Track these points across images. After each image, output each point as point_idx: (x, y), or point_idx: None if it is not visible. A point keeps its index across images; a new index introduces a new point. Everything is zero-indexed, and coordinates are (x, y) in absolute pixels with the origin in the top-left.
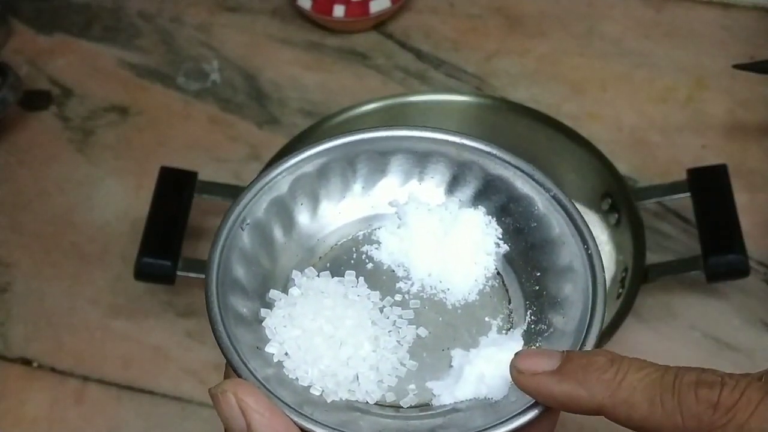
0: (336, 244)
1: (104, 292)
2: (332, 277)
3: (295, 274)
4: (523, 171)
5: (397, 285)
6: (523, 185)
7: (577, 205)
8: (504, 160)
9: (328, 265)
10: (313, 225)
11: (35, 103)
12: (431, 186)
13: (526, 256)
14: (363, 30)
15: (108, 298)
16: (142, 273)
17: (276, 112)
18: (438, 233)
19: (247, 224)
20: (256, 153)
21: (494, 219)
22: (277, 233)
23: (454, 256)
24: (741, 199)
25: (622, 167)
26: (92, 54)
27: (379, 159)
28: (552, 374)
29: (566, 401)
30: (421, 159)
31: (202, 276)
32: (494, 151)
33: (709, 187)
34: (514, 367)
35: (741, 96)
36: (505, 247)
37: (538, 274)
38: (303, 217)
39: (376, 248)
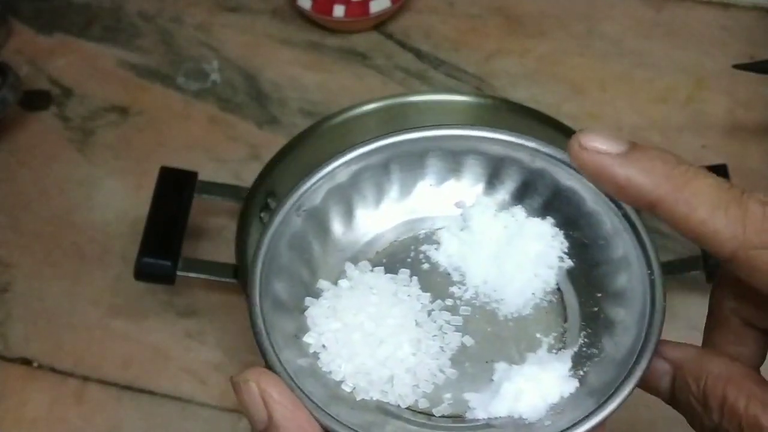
0: (395, 240)
1: (104, 292)
2: (386, 273)
3: (348, 266)
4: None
5: (450, 289)
6: (594, 200)
7: None
8: (578, 171)
9: (384, 260)
10: (373, 218)
11: (35, 103)
12: (501, 191)
13: (589, 275)
14: (363, 30)
15: (108, 298)
16: (142, 273)
17: (276, 112)
18: (501, 240)
19: (304, 211)
20: (256, 153)
21: (561, 232)
22: (335, 223)
23: (514, 266)
24: None
25: None
26: (92, 54)
27: (450, 158)
28: (617, 156)
29: (625, 187)
30: (493, 162)
31: (203, 276)
32: (569, 161)
33: None
34: (576, 140)
35: (741, 96)
36: (569, 263)
37: (599, 294)
38: (363, 210)
39: (435, 249)
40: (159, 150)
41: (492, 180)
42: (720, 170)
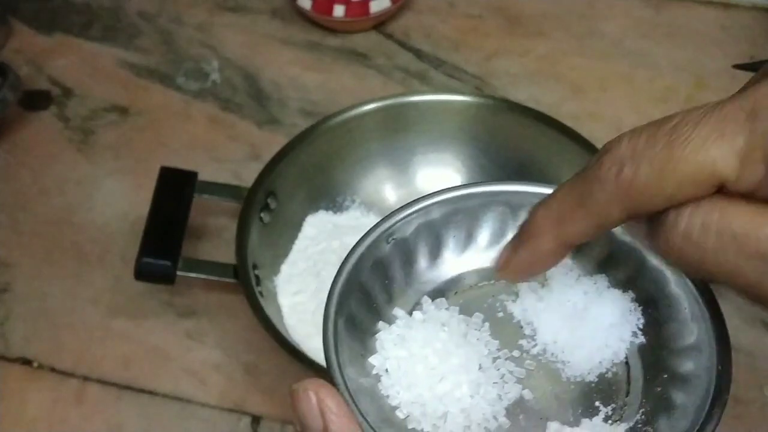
0: (475, 284)
1: (104, 292)
2: (460, 313)
3: (425, 300)
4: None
5: (520, 341)
6: (677, 282)
7: None
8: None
9: (461, 301)
10: (459, 260)
11: (35, 103)
12: (587, 256)
13: (660, 355)
14: (363, 30)
15: (108, 298)
16: (142, 273)
17: (276, 112)
18: (578, 305)
19: (393, 239)
20: (256, 153)
21: (640, 308)
22: (422, 257)
23: (587, 332)
24: None
25: None
26: (92, 54)
27: None
28: None
29: None
30: None
31: (203, 276)
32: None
33: None
34: None
35: None
36: (641, 339)
37: (665, 376)
38: (450, 250)
39: (513, 300)
40: (159, 150)
41: (581, 245)
42: None
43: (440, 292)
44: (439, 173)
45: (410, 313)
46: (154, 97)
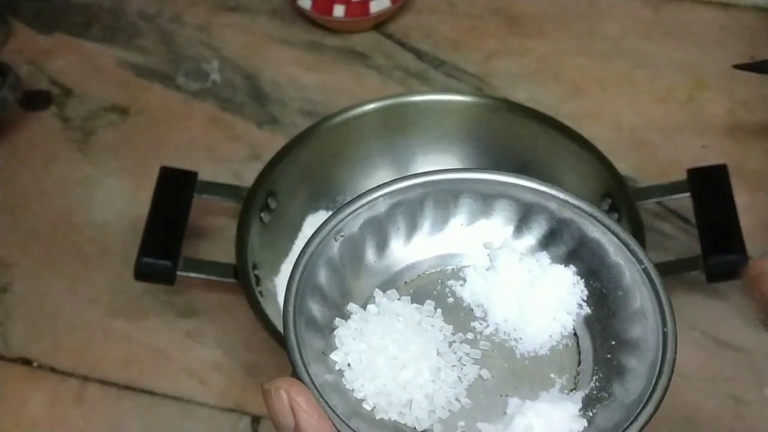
0: (423, 273)
1: (104, 292)
2: (412, 303)
3: (377, 293)
4: (619, 238)
5: (472, 324)
6: (616, 253)
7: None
8: (603, 224)
9: (411, 291)
10: (405, 250)
11: (35, 103)
12: (528, 236)
13: (606, 323)
14: (363, 30)
15: (108, 298)
16: (142, 273)
17: (276, 112)
18: (524, 283)
19: (342, 236)
20: (256, 153)
21: (582, 280)
22: (369, 251)
23: (535, 308)
24: (741, 199)
25: (622, 167)
26: (92, 54)
27: (483, 201)
28: None
29: None
30: (524, 208)
31: (203, 276)
32: (596, 214)
33: (709, 187)
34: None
35: (741, 96)
36: (587, 310)
37: (613, 342)
38: (397, 242)
39: (461, 285)
40: (159, 150)
41: (521, 225)
42: (720, 170)
43: (391, 282)
44: None
45: (364, 307)
46: (154, 97)
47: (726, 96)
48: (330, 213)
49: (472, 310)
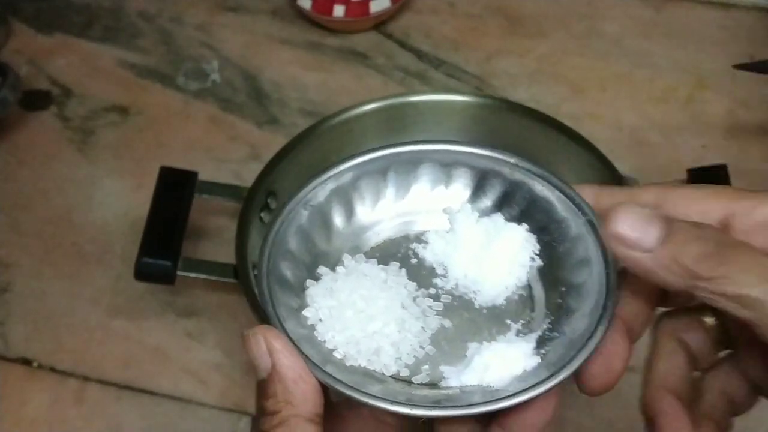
0: (389, 238)
1: (104, 292)
2: (378, 264)
3: (346, 257)
4: (565, 194)
5: (434, 281)
6: (563, 209)
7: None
8: (551, 183)
9: (377, 254)
10: (371, 217)
11: (35, 103)
12: (484, 199)
13: (556, 272)
14: (363, 30)
15: (108, 298)
16: (142, 273)
17: (276, 112)
18: (482, 242)
19: (311, 206)
20: (257, 153)
21: (534, 236)
22: (337, 219)
23: (492, 264)
24: None
25: (622, 167)
26: (92, 54)
27: (441, 169)
28: (649, 251)
29: (659, 279)
30: (478, 174)
31: (203, 276)
32: (544, 174)
33: None
34: (608, 226)
35: (741, 96)
36: (539, 262)
37: (563, 289)
38: (363, 210)
39: (423, 247)
40: (159, 150)
41: (477, 189)
42: (720, 170)
43: (358, 247)
44: None
45: (333, 270)
46: (154, 97)
47: (726, 96)
48: None
49: (434, 268)
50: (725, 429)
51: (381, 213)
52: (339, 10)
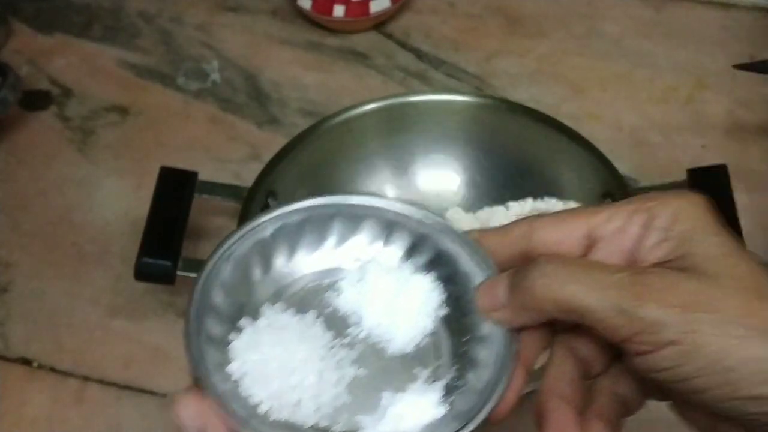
0: (305, 287)
1: (104, 292)
2: (296, 314)
3: (266, 307)
4: (469, 249)
5: (348, 330)
6: (466, 262)
7: (578, 205)
8: (454, 238)
9: (295, 303)
10: (288, 268)
11: (35, 103)
12: (393, 250)
13: (461, 322)
14: (363, 30)
15: (108, 298)
16: (142, 273)
17: (276, 112)
18: (391, 291)
19: (233, 259)
20: (256, 153)
21: (441, 285)
22: (256, 271)
23: (402, 313)
24: (741, 199)
25: (622, 167)
26: (92, 54)
27: (353, 221)
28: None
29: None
30: (388, 226)
31: None
32: (447, 229)
33: (709, 187)
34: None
35: (741, 96)
36: (445, 311)
37: (468, 338)
38: (280, 261)
39: (337, 296)
40: (159, 150)
41: (387, 241)
42: (720, 170)
43: (277, 297)
44: (439, 173)
45: (255, 321)
46: (154, 97)
47: (726, 96)
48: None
49: (348, 317)
50: (616, 428)
51: (298, 264)
52: (339, 10)
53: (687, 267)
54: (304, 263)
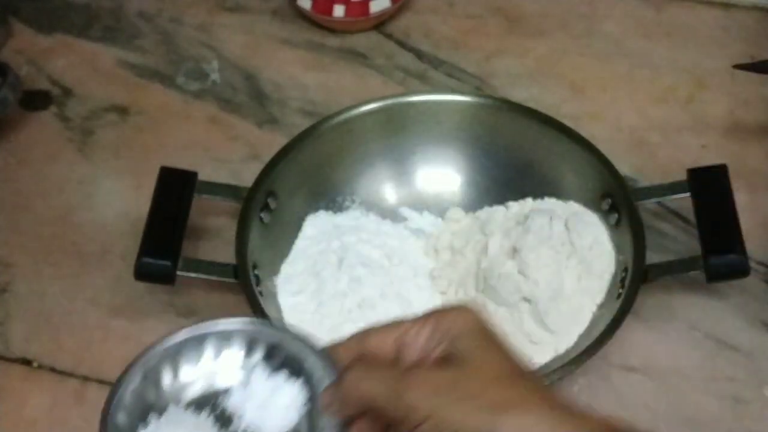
0: (193, 396)
1: (104, 292)
2: (194, 412)
3: (171, 406)
4: (321, 359)
5: (233, 425)
6: (308, 361)
7: (578, 205)
8: (309, 349)
9: (194, 405)
10: (190, 376)
11: (35, 103)
12: (256, 355)
13: (314, 417)
14: (363, 30)
15: (108, 298)
16: (142, 273)
17: (276, 112)
18: (267, 394)
19: (145, 369)
20: (256, 153)
21: (306, 387)
22: (166, 377)
23: (275, 412)
24: (741, 199)
25: (622, 167)
26: (92, 54)
27: (223, 338)
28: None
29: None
30: (249, 338)
31: (203, 276)
32: (305, 342)
33: (709, 187)
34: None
35: (741, 96)
36: (308, 406)
37: (321, 429)
38: (185, 369)
39: (227, 398)
40: (159, 150)
41: (249, 350)
42: (720, 170)
43: (180, 400)
44: (439, 173)
45: (159, 417)
46: (154, 97)
47: (726, 96)
48: (330, 213)
49: (233, 414)
50: None
51: (184, 378)
52: (339, 10)
53: (452, 360)
54: (188, 377)
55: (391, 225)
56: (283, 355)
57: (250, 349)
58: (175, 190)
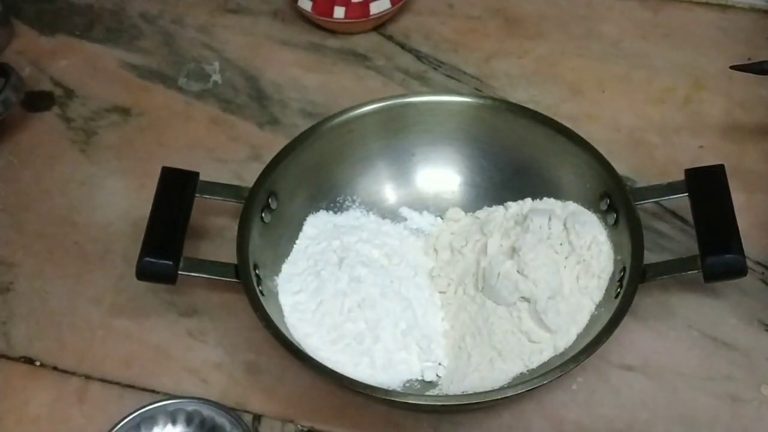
0: None
1: (106, 292)
2: None
3: None
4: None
5: None
6: (219, 419)
7: (576, 205)
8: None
9: None
10: None
11: (38, 104)
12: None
13: None
14: (363, 31)
15: (110, 297)
16: (143, 273)
17: (277, 112)
18: None
19: None
20: (257, 153)
21: None
22: None
23: None
24: (738, 199)
25: (621, 167)
26: (94, 55)
27: (171, 414)
28: None
29: None
30: (189, 417)
31: (204, 276)
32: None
33: (707, 187)
34: None
35: (738, 97)
36: None
37: None
38: None
39: None
40: (160, 150)
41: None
42: (717, 170)
43: None
44: (438, 173)
45: None
46: (156, 98)
47: (723, 97)
48: (330, 213)
49: None
50: None
51: None
52: (339, 12)
53: None
54: None
55: (391, 225)
56: (198, 420)
57: (186, 421)
58: (177, 190)
